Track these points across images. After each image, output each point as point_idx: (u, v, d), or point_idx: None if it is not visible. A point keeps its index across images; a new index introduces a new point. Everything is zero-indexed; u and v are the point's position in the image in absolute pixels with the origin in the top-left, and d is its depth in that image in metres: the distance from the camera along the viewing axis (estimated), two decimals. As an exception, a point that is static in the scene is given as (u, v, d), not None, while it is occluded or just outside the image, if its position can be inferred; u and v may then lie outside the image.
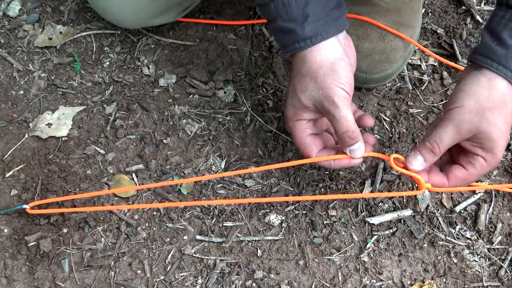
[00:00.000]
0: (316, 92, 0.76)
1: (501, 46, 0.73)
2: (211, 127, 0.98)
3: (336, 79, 0.75)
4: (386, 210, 0.91)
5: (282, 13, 0.75)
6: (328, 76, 0.75)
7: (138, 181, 0.92)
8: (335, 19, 0.77)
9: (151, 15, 0.99)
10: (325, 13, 0.76)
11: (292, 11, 0.75)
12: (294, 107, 0.79)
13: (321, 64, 0.76)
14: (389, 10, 0.98)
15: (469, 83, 0.75)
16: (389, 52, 0.98)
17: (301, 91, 0.77)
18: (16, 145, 0.95)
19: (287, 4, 0.75)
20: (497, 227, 0.90)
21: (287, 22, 0.76)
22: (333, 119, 0.76)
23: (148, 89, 1.02)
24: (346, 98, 0.76)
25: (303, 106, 0.78)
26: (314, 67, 0.76)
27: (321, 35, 0.76)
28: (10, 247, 0.86)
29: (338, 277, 0.86)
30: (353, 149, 0.78)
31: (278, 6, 0.75)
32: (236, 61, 1.05)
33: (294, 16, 0.75)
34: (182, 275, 0.85)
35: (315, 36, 0.75)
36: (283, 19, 0.76)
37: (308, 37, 0.75)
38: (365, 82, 0.99)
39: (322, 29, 0.76)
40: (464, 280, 0.86)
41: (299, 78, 0.78)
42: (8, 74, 1.02)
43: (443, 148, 0.76)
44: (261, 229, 0.89)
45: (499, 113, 0.73)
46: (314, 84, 0.76)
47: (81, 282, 0.84)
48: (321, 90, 0.76)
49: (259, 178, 0.93)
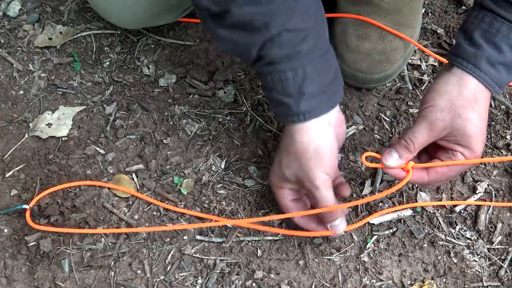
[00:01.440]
0: (299, 172, 0.79)
1: (472, 45, 0.75)
2: (211, 127, 0.98)
3: (318, 163, 0.78)
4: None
5: (278, 87, 0.76)
6: (311, 161, 0.77)
7: (138, 181, 0.92)
8: (330, 95, 0.78)
9: (151, 16, 0.99)
10: (320, 90, 0.77)
11: (288, 87, 0.75)
12: (278, 177, 0.83)
13: (307, 148, 0.77)
14: (389, 10, 0.98)
15: (441, 82, 0.77)
16: (389, 52, 0.98)
17: (286, 167, 0.80)
18: (16, 145, 0.95)
19: (284, 79, 0.75)
20: (497, 227, 0.90)
21: (282, 96, 0.76)
22: (314, 198, 0.80)
23: (148, 89, 1.02)
24: (327, 180, 0.79)
25: (286, 179, 0.81)
26: (300, 149, 0.78)
27: (315, 111, 0.77)
28: (10, 247, 0.86)
29: (338, 277, 0.86)
30: (333, 225, 0.81)
31: (276, 80, 0.75)
32: (236, 61, 1.05)
33: (290, 92, 0.76)
34: (182, 275, 0.85)
35: (309, 112, 0.77)
36: (278, 93, 0.76)
37: (302, 113, 0.76)
38: (365, 82, 0.99)
39: (317, 105, 0.77)
40: (464, 280, 0.86)
41: (285, 154, 0.80)
42: (8, 74, 1.03)
43: (417, 146, 0.78)
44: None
45: (472, 110, 0.75)
46: (299, 164, 0.79)
47: (81, 282, 0.84)
48: (303, 172, 0.78)
49: (259, 178, 0.93)
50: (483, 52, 0.74)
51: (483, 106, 0.76)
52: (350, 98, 1.01)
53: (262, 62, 0.75)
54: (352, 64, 0.98)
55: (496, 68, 0.74)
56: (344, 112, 1.00)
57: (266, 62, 0.74)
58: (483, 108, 0.76)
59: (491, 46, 0.73)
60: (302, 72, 0.74)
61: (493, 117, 1.00)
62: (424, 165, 0.80)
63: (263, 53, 0.73)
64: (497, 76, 0.75)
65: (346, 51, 0.98)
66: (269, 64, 0.74)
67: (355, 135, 0.98)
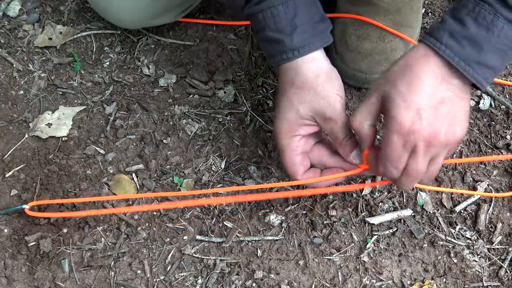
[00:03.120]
0: (317, 102, 0.76)
1: (438, 23, 0.70)
2: (211, 127, 0.98)
3: (334, 87, 0.76)
4: (386, 210, 0.91)
5: (270, 24, 0.76)
6: (326, 85, 0.76)
7: (138, 181, 0.92)
8: (320, 32, 0.78)
9: (151, 15, 0.99)
10: (312, 26, 0.77)
11: (280, 22, 0.75)
12: (289, 122, 0.78)
13: (318, 73, 0.76)
14: (389, 10, 0.98)
15: None
16: (389, 53, 0.98)
17: (300, 102, 0.76)
18: (16, 145, 0.95)
19: (275, 14, 0.75)
20: (497, 227, 0.90)
21: (275, 33, 0.76)
22: (336, 126, 0.76)
23: (148, 89, 1.02)
24: (344, 105, 0.77)
25: (301, 119, 0.77)
26: (311, 77, 0.76)
27: (308, 46, 0.76)
28: (10, 247, 0.86)
29: (338, 277, 0.86)
30: (356, 154, 0.78)
31: (267, 16, 0.76)
32: (236, 61, 1.05)
33: (282, 27, 0.75)
34: (182, 275, 0.85)
35: (303, 47, 0.76)
36: (271, 30, 0.76)
37: (296, 48, 0.76)
38: (365, 82, 0.99)
39: (310, 40, 0.76)
40: (464, 280, 0.86)
41: (294, 90, 0.77)
42: (8, 74, 1.03)
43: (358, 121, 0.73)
44: (261, 229, 0.89)
45: (403, 75, 0.69)
46: (314, 94, 0.76)
47: (81, 282, 0.84)
48: (322, 100, 0.75)
49: (259, 178, 0.93)
50: (446, 26, 0.68)
51: (427, 72, 0.68)
52: (350, 98, 1.01)
53: (253, 2, 0.76)
54: (352, 64, 0.98)
55: (460, 42, 0.67)
56: (344, 112, 1.00)
57: (257, 1, 0.75)
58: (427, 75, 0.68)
59: (456, 21, 0.68)
60: (292, 5, 0.75)
61: (493, 117, 1.00)
62: None
63: None
64: (461, 50, 0.67)
65: (346, 51, 0.98)
66: (259, 2, 0.75)
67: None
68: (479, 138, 0.98)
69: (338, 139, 0.77)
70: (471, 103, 1.01)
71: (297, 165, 0.79)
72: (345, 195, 0.92)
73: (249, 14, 0.78)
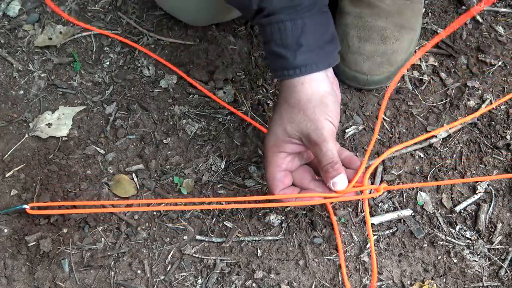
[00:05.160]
0: (304, 124, 0.77)
1: None
2: (211, 127, 0.98)
3: (325, 111, 0.77)
4: (386, 210, 0.91)
5: (276, 38, 0.76)
6: (317, 109, 0.76)
7: (138, 181, 0.92)
8: (327, 53, 0.78)
9: (224, 11, 0.99)
10: (318, 46, 0.77)
11: (286, 38, 0.76)
12: (277, 138, 0.79)
13: (311, 97, 0.77)
14: (390, 12, 0.98)
15: None
16: (391, 55, 0.98)
17: (288, 121, 0.78)
18: (16, 145, 0.95)
19: (283, 30, 0.76)
20: (497, 227, 0.90)
21: (280, 48, 0.77)
22: (319, 151, 0.77)
23: (148, 89, 1.02)
24: (333, 132, 0.78)
25: (287, 137, 0.79)
26: (304, 99, 0.77)
27: (311, 66, 0.77)
28: (10, 247, 0.86)
29: (338, 277, 0.86)
30: (336, 181, 0.79)
31: (274, 30, 0.76)
32: (236, 61, 1.05)
33: (287, 43, 0.76)
34: (182, 275, 0.85)
35: (305, 66, 0.76)
36: (277, 44, 0.77)
37: (298, 66, 0.76)
38: (366, 84, 0.99)
39: (313, 60, 0.77)
40: (464, 280, 0.86)
41: (286, 107, 0.78)
42: (8, 74, 1.02)
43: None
44: (261, 229, 0.89)
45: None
46: (303, 116, 0.77)
47: (81, 282, 0.84)
48: (309, 123, 0.77)
49: (259, 178, 0.93)
50: None
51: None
52: (350, 98, 1.01)
53: (262, 14, 0.76)
54: (353, 65, 0.98)
55: None
56: (344, 112, 1.00)
57: (266, 13, 0.75)
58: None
59: None
60: (301, 24, 0.75)
61: (493, 117, 1.00)
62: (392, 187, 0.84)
63: (263, 5, 0.74)
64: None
65: (347, 52, 0.98)
66: (268, 15, 0.75)
67: (355, 135, 0.98)
68: (479, 138, 0.98)
69: (321, 164, 0.78)
70: (471, 103, 1.01)
71: (277, 181, 0.81)
72: (345, 195, 0.92)
73: (259, 25, 0.78)
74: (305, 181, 0.83)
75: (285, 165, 0.81)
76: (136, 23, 1.08)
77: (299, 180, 0.83)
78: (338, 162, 0.78)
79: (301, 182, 0.83)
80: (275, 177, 0.80)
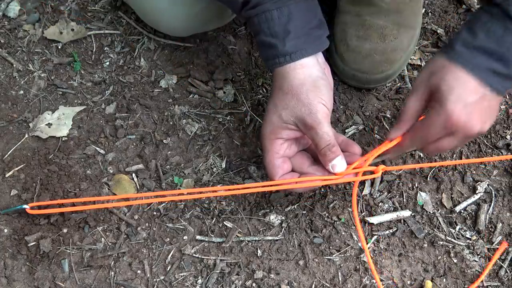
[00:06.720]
0: (299, 109, 0.77)
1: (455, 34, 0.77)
2: (211, 127, 0.98)
3: (318, 95, 0.77)
4: (386, 210, 0.91)
5: (264, 28, 0.77)
6: (310, 93, 0.77)
7: (138, 181, 0.92)
8: (315, 38, 0.79)
9: (203, 22, 0.99)
10: (306, 32, 0.78)
11: (274, 27, 0.77)
12: (273, 125, 0.80)
13: (303, 81, 0.77)
14: (389, 10, 0.98)
15: None
16: (390, 53, 0.98)
17: (283, 108, 0.79)
18: (16, 145, 0.95)
19: (270, 19, 0.77)
20: (497, 227, 0.90)
21: (269, 37, 0.78)
22: (315, 134, 0.78)
23: (148, 89, 1.02)
24: (327, 115, 0.78)
25: (283, 123, 0.79)
26: (296, 84, 0.77)
27: (300, 52, 0.77)
28: (10, 247, 0.86)
29: (338, 277, 0.86)
30: (335, 164, 0.79)
31: (261, 21, 0.77)
32: (236, 61, 1.05)
33: (275, 32, 0.77)
34: (182, 275, 0.85)
35: (294, 53, 0.77)
36: (265, 34, 0.78)
37: (288, 53, 0.77)
38: (365, 83, 0.99)
39: (302, 46, 0.77)
40: (464, 280, 0.86)
41: (280, 95, 0.79)
42: (8, 74, 1.03)
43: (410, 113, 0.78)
44: (261, 229, 0.89)
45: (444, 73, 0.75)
46: (297, 101, 0.77)
47: (81, 282, 0.84)
48: (303, 107, 0.77)
49: (259, 178, 0.93)
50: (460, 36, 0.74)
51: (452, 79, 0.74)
52: (350, 98, 1.01)
53: (249, 6, 0.77)
54: (353, 64, 0.98)
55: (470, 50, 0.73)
56: (344, 112, 1.00)
57: (252, 5, 0.77)
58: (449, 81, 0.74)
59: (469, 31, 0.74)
60: (287, 11, 0.76)
61: (493, 117, 1.00)
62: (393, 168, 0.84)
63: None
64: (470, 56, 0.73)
65: (346, 51, 0.98)
66: (255, 6, 0.76)
67: (355, 135, 0.98)
68: (479, 138, 0.98)
69: (318, 147, 0.79)
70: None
71: (276, 167, 0.81)
72: (345, 195, 0.92)
73: (246, 17, 0.79)
74: (304, 166, 0.83)
75: (283, 152, 0.82)
76: (136, 23, 1.08)
77: (298, 165, 0.83)
78: (335, 144, 0.78)
79: (300, 168, 0.83)
80: (274, 163, 0.81)
